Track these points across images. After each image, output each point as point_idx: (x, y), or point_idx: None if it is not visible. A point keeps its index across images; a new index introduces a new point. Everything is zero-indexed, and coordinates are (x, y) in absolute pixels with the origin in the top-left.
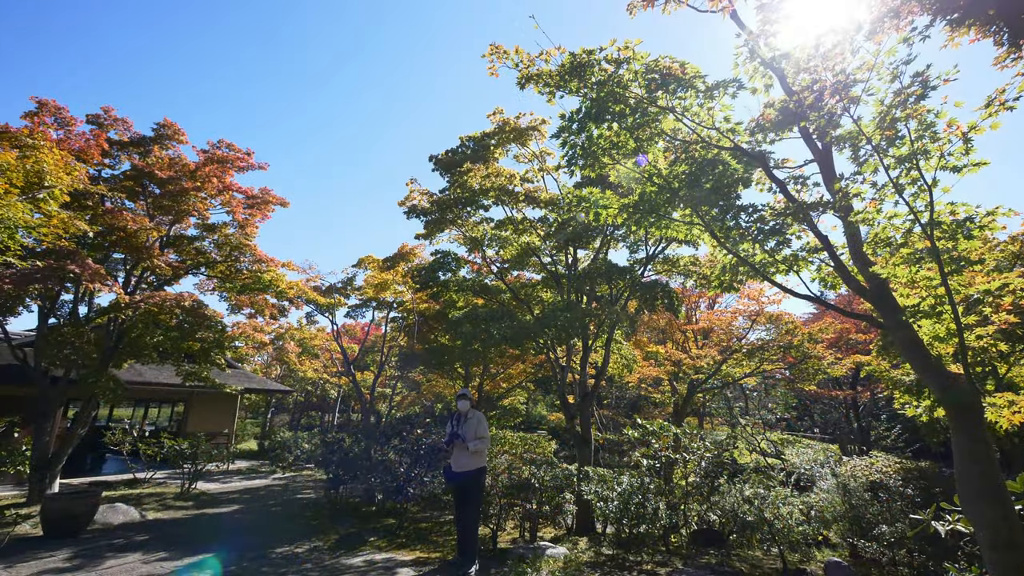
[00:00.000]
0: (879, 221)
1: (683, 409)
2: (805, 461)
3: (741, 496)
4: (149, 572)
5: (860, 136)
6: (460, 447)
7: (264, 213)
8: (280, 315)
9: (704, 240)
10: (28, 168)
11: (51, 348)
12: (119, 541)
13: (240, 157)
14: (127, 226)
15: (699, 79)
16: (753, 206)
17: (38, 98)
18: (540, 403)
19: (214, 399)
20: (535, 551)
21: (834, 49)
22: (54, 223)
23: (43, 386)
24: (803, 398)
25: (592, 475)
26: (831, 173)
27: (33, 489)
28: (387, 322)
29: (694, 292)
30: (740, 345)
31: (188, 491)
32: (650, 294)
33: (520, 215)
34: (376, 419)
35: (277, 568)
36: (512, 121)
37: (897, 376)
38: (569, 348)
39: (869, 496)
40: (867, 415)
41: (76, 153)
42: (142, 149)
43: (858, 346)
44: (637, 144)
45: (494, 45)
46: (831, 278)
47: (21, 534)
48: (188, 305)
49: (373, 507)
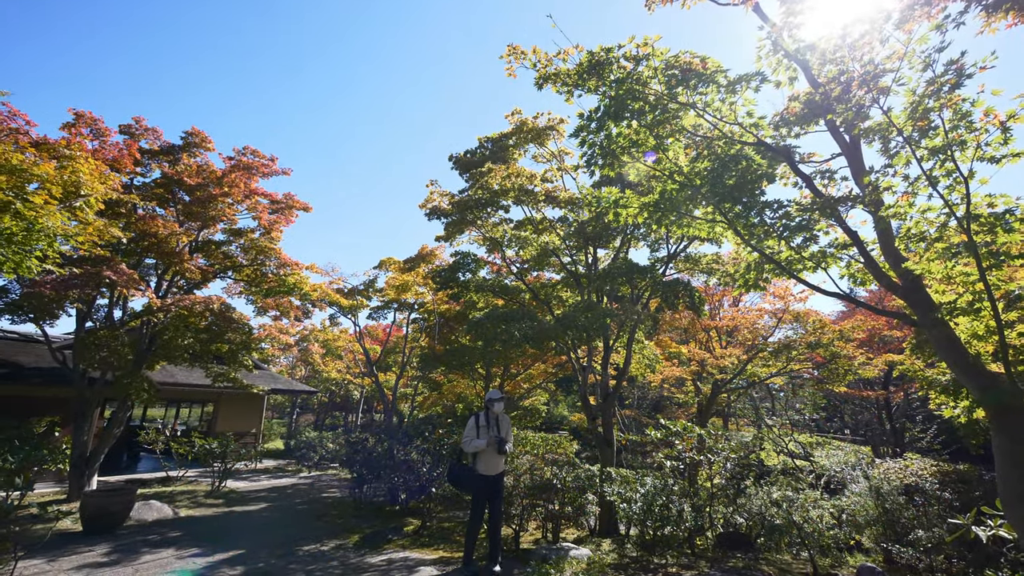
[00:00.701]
0: (912, 215)
1: (707, 410)
2: (835, 463)
3: (769, 499)
4: (183, 567)
5: (890, 128)
6: (492, 450)
7: (288, 218)
8: (304, 317)
9: (727, 238)
10: (66, 178)
11: (88, 351)
12: (154, 537)
13: (264, 163)
14: (158, 232)
15: (721, 74)
16: (778, 202)
17: (75, 110)
18: (561, 403)
19: (242, 400)
20: (558, 552)
21: (862, 39)
22: (90, 231)
23: (81, 387)
24: (833, 398)
25: (615, 476)
26: (860, 167)
27: (73, 486)
28: (408, 323)
29: (717, 290)
30: (766, 344)
31: (218, 489)
32: (672, 293)
33: (539, 215)
34: (399, 419)
35: (304, 565)
36: (530, 121)
37: (932, 376)
38: (590, 348)
39: (904, 500)
40: (901, 416)
41: (110, 162)
42: (171, 157)
43: (891, 344)
44: (657, 142)
45: (512, 46)
46: (861, 275)
47: (62, 529)
48: (217, 308)
49: (396, 506)
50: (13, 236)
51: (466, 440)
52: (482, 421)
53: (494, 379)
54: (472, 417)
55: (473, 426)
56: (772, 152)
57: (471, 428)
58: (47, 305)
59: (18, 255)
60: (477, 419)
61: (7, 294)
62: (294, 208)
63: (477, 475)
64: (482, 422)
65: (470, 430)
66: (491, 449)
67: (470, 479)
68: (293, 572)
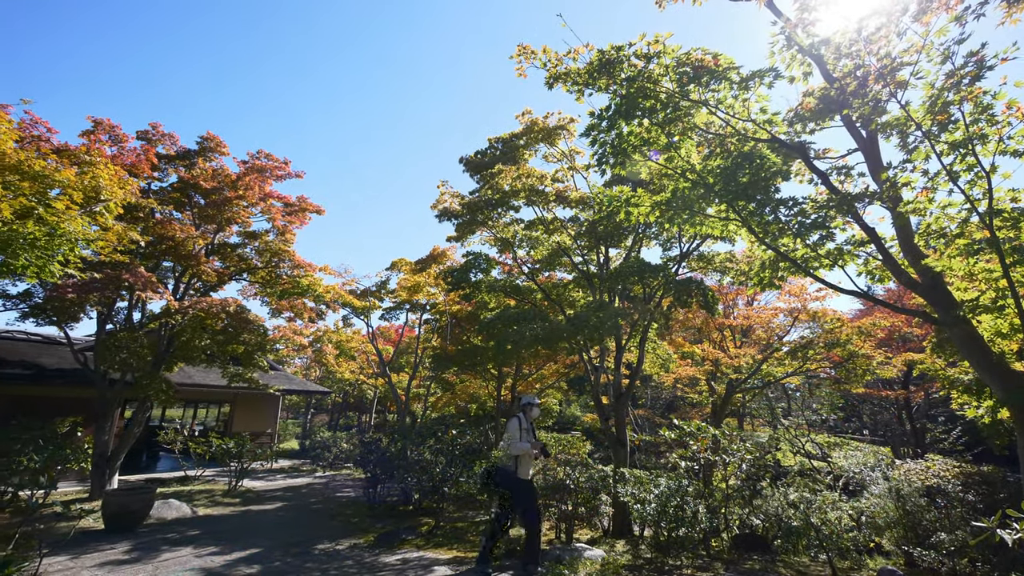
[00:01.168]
0: (932, 211)
1: (722, 410)
2: (854, 464)
3: (786, 500)
4: (201, 565)
5: (909, 122)
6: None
7: (302, 220)
8: (318, 318)
9: (741, 236)
10: (86, 184)
11: (109, 352)
12: (173, 535)
13: (278, 166)
14: (176, 236)
15: (733, 70)
16: (793, 199)
17: (94, 117)
18: (574, 404)
19: (258, 400)
20: (572, 553)
21: (878, 32)
22: (110, 235)
23: (102, 388)
24: (850, 398)
25: (628, 477)
26: (877, 162)
27: (95, 485)
28: (420, 324)
29: (731, 289)
30: (781, 343)
31: (235, 488)
32: (684, 292)
33: (550, 215)
34: (412, 419)
35: (320, 564)
36: (540, 121)
37: (954, 375)
38: (602, 348)
39: (925, 502)
40: (921, 416)
41: (128, 168)
42: (187, 162)
43: (910, 342)
44: (668, 140)
45: (522, 46)
46: (879, 272)
47: (85, 527)
48: (232, 310)
49: (410, 506)
50: (36, 241)
51: (512, 442)
52: (524, 424)
53: (506, 379)
54: (514, 420)
55: (517, 428)
56: (787, 148)
57: (516, 430)
58: (69, 308)
59: (41, 259)
60: (519, 422)
61: (31, 297)
62: (307, 210)
63: (518, 479)
64: (524, 424)
65: (515, 432)
66: (530, 453)
67: (511, 483)
68: (309, 571)
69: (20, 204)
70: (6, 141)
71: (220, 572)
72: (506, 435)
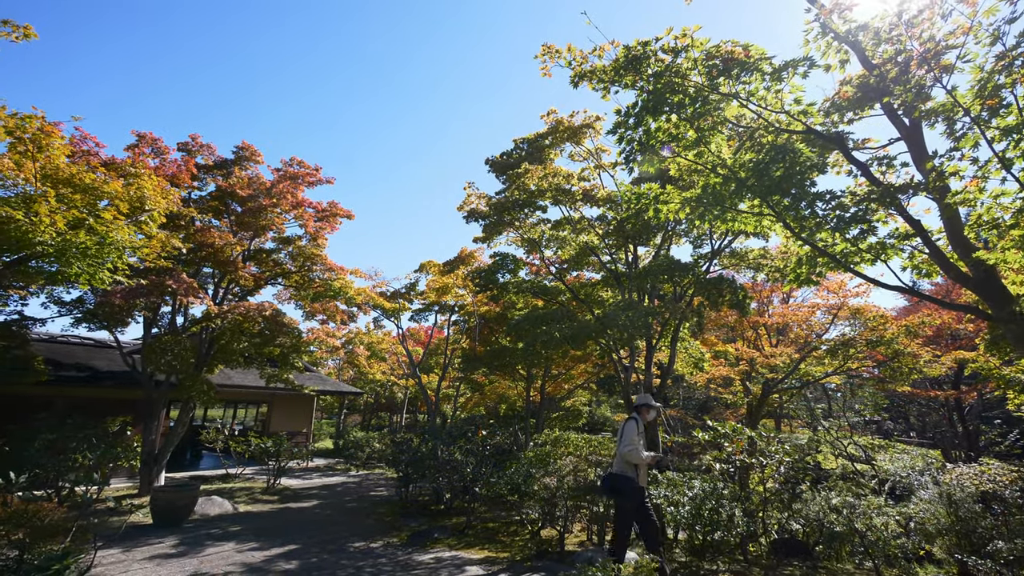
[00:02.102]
0: (983, 201)
1: (758, 411)
2: (901, 468)
3: (827, 504)
4: (243, 560)
5: (956, 108)
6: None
7: (332, 225)
8: (350, 320)
9: (776, 231)
10: (132, 195)
11: (155, 355)
12: (216, 531)
13: (309, 173)
14: (215, 243)
15: (765, 61)
16: (831, 192)
17: (138, 132)
18: (604, 404)
19: (293, 400)
20: (604, 555)
21: (920, 15)
22: (154, 243)
23: (148, 389)
24: (896, 399)
25: (661, 479)
26: (921, 151)
27: (143, 481)
28: (449, 325)
29: (766, 286)
30: (820, 342)
31: (273, 486)
32: (715, 291)
33: (577, 214)
34: (442, 420)
35: (355, 561)
36: (566, 120)
37: (1011, 374)
38: (632, 348)
39: (980, 508)
40: (974, 418)
41: (169, 178)
42: (224, 171)
43: (961, 339)
44: (698, 135)
45: (546, 45)
46: (926, 266)
47: (135, 522)
48: (268, 314)
49: (442, 506)
50: (88, 250)
51: (633, 448)
52: (641, 428)
53: (535, 380)
54: (631, 422)
55: (635, 432)
56: (823, 140)
57: (635, 435)
58: (117, 313)
59: (92, 267)
60: (636, 425)
61: (83, 304)
62: (338, 215)
63: (639, 487)
64: (641, 428)
65: (635, 437)
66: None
67: (633, 492)
68: (344, 568)
69: (73, 216)
70: (59, 156)
71: (260, 567)
72: (623, 440)
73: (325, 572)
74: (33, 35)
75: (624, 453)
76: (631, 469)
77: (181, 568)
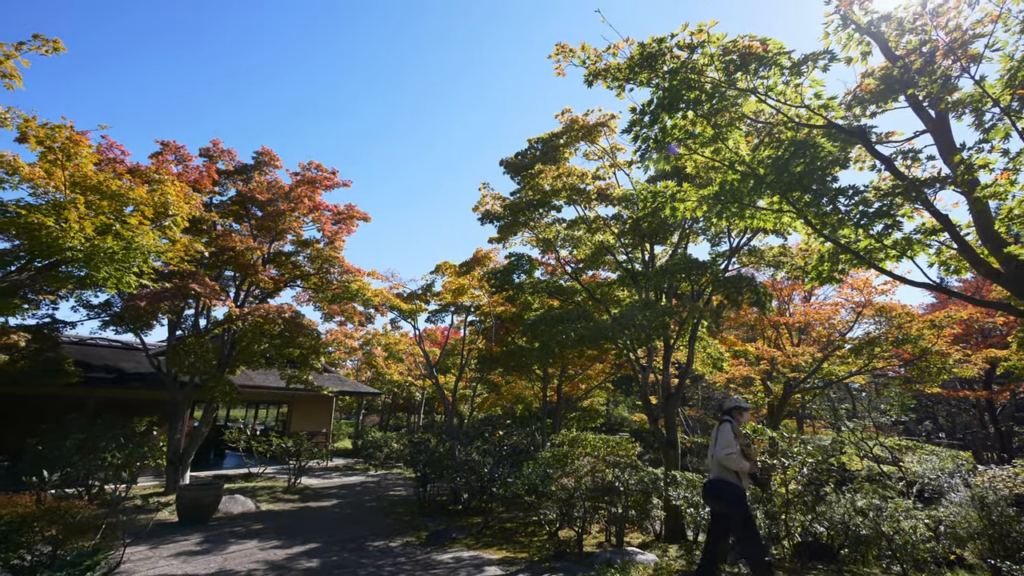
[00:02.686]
0: (1014, 194)
1: (779, 411)
2: (930, 470)
3: (853, 507)
4: (265, 558)
5: (984, 99)
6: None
7: (349, 228)
8: (367, 322)
9: (796, 228)
10: (156, 200)
11: (179, 356)
12: (239, 529)
13: (327, 177)
14: (236, 246)
15: (783, 55)
16: (853, 187)
17: (161, 140)
18: (621, 404)
19: (313, 401)
20: (623, 557)
21: (946, 3)
22: (178, 247)
23: (173, 390)
24: (924, 399)
25: (680, 480)
26: (948, 144)
27: (169, 480)
28: (466, 325)
29: (786, 284)
30: (843, 341)
31: (294, 485)
32: (734, 289)
33: (593, 214)
34: (459, 420)
35: (375, 560)
36: (580, 119)
37: None
38: (649, 348)
39: (1014, 511)
40: (1007, 418)
41: (192, 184)
42: (245, 176)
43: (992, 337)
44: (715, 131)
45: (560, 44)
46: (954, 262)
47: (161, 519)
48: (288, 315)
49: (460, 505)
50: (115, 255)
51: (731, 452)
52: (738, 431)
53: (552, 380)
54: (726, 425)
55: (731, 436)
56: (845, 134)
57: (733, 440)
58: (143, 316)
59: (119, 271)
60: (732, 428)
61: (110, 307)
62: (354, 218)
63: (743, 493)
64: (738, 432)
65: (733, 442)
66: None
67: (738, 499)
68: (365, 567)
69: (100, 221)
70: (87, 164)
71: (283, 565)
72: (719, 444)
73: (346, 571)
74: (62, 48)
75: (721, 458)
76: (732, 475)
77: (206, 565)
